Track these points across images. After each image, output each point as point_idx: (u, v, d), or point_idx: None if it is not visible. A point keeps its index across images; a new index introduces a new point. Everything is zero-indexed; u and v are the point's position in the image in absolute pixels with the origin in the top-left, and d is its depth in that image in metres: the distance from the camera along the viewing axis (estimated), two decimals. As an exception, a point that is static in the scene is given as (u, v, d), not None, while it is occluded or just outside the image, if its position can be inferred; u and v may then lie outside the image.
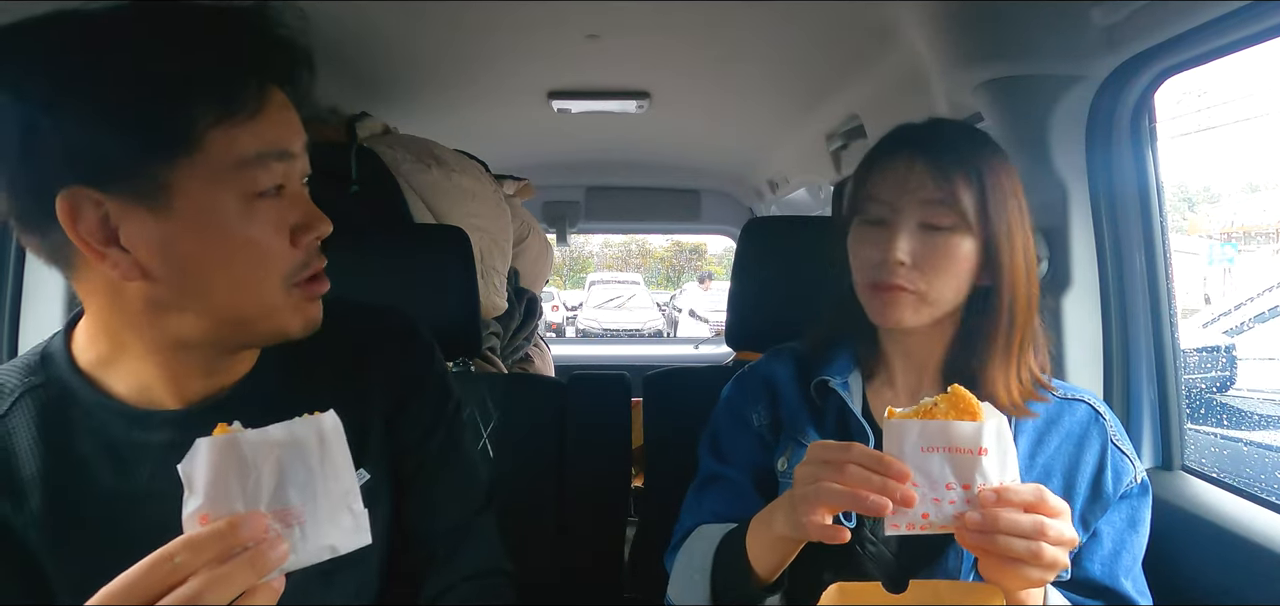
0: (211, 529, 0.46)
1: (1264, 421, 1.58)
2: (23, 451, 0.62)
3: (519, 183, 2.00)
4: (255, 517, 0.47)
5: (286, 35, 0.60)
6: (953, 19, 1.12)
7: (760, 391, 0.89)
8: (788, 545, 0.69)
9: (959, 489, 0.57)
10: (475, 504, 0.78)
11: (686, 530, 0.85)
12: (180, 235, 0.56)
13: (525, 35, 1.42)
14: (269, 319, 0.62)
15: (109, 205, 0.55)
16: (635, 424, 1.37)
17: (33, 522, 0.61)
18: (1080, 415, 0.81)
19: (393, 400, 0.74)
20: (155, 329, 0.61)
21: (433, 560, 0.74)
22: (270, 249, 0.60)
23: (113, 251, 0.56)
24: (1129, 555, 0.77)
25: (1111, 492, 0.77)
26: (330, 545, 0.51)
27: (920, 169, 0.76)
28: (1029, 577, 0.58)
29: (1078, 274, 1.09)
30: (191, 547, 0.46)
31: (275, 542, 0.47)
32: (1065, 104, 1.05)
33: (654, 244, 20.66)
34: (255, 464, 0.48)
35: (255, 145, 0.57)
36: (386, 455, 0.73)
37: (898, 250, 0.75)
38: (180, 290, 0.59)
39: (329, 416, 0.51)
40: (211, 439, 0.48)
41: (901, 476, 0.57)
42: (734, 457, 0.87)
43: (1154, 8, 0.87)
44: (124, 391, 0.64)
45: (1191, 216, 2.68)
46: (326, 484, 0.50)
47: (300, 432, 0.50)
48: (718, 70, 1.63)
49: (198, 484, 0.47)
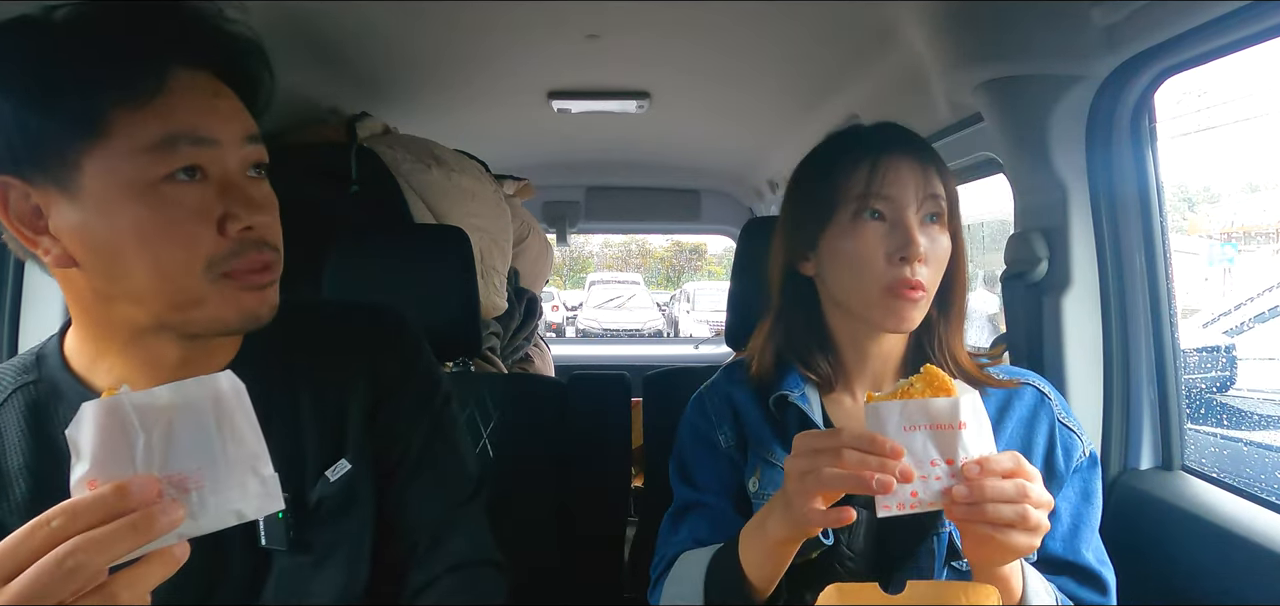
0: (95, 494, 0.45)
1: (1264, 421, 1.58)
2: (11, 447, 0.64)
3: (519, 183, 2.00)
4: (146, 481, 0.46)
5: (209, 20, 0.61)
6: (953, 19, 1.12)
7: (724, 411, 0.87)
8: (785, 548, 0.69)
9: (943, 464, 0.58)
10: (460, 495, 0.78)
11: (667, 560, 0.84)
12: (94, 220, 0.57)
13: (525, 35, 1.42)
14: (198, 308, 0.60)
15: (35, 194, 0.57)
16: (635, 424, 1.37)
17: (16, 511, 0.63)
18: (1027, 398, 0.83)
19: (375, 393, 0.75)
20: (108, 318, 0.62)
21: (416, 551, 0.74)
22: (186, 234, 0.59)
23: (44, 239, 0.58)
24: (1087, 528, 0.80)
25: (1064, 469, 0.80)
26: (236, 510, 0.49)
27: (926, 167, 0.78)
28: (1016, 544, 0.59)
29: (1078, 274, 1.09)
30: (69, 512, 0.44)
31: (169, 507, 0.46)
32: (1065, 104, 1.05)
33: (654, 244, 20.65)
34: (144, 427, 0.46)
35: (161, 128, 0.57)
36: (369, 447, 0.74)
37: (919, 244, 0.75)
38: (107, 277, 0.59)
39: (225, 376, 0.49)
40: (95, 402, 0.46)
41: (895, 454, 0.58)
42: (707, 483, 0.86)
43: (1154, 8, 0.87)
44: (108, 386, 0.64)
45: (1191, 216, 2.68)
46: (226, 447, 0.48)
47: (192, 394, 0.48)
48: (718, 70, 1.63)
49: (84, 448, 0.46)
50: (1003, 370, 0.85)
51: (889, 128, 0.82)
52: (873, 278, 0.76)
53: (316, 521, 0.70)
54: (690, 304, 12.46)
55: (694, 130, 2.22)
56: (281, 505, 0.51)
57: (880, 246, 0.76)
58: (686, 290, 13.48)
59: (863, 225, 0.77)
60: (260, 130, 0.65)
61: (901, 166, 0.77)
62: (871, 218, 0.77)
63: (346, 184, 1.48)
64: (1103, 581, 0.78)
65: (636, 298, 13.01)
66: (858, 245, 0.77)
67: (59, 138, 0.56)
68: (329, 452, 0.71)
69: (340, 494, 0.71)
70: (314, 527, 0.69)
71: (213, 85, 0.61)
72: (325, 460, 0.71)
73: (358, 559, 0.72)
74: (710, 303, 11.58)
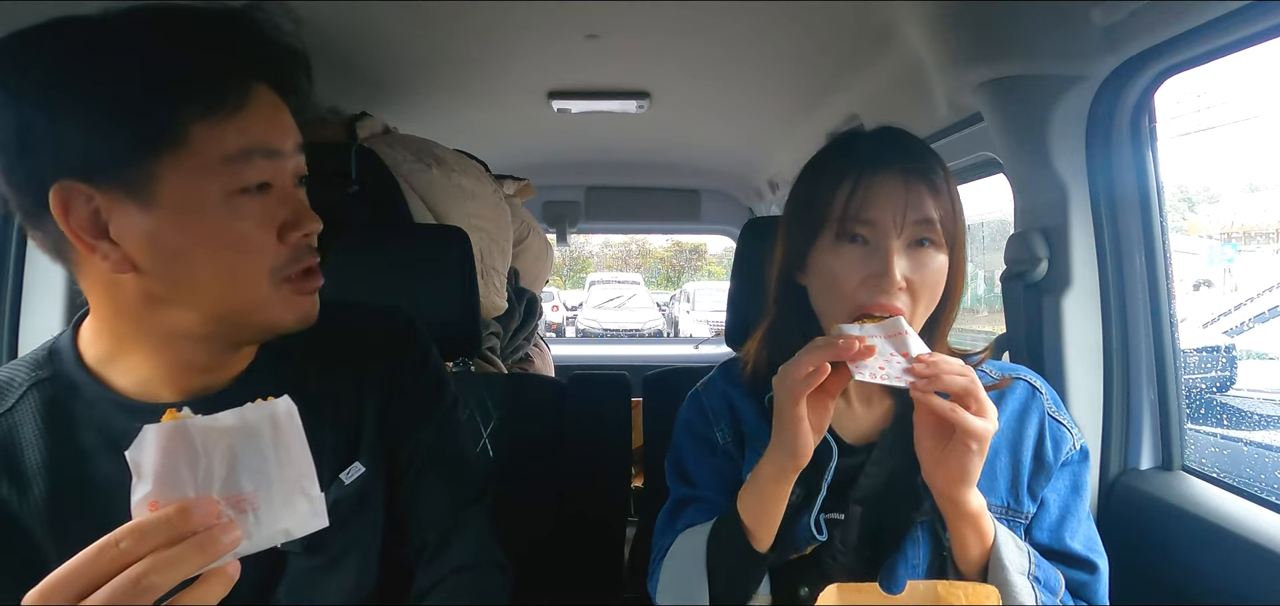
0: (159, 515, 0.46)
1: (1264, 421, 1.57)
2: (27, 443, 0.64)
3: (519, 183, 2.00)
4: (206, 502, 0.47)
5: (273, 35, 0.61)
6: (953, 19, 1.12)
7: (722, 409, 0.88)
8: (782, 482, 0.72)
9: (900, 357, 0.68)
10: (466, 497, 0.79)
11: (664, 549, 0.84)
12: (166, 228, 0.58)
13: (525, 35, 1.42)
14: (259, 313, 0.63)
15: (99, 199, 0.57)
16: (635, 424, 1.37)
17: (35, 511, 0.63)
18: (1019, 393, 0.84)
19: (386, 395, 0.76)
20: (151, 322, 0.62)
21: (422, 552, 0.75)
22: (256, 244, 0.61)
23: (103, 244, 0.58)
24: (1074, 518, 0.81)
25: (1053, 461, 0.81)
26: (285, 529, 0.50)
27: (919, 185, 0.73)
28: (969, 427, 0.65)
29: (1078, 274, 1.09)
30: (137, 533, 0.45)
31: (228, 528, 0.47)
32: (1065, 104, 1.05)
33: (654, 244, 20.66)
34: (206, 450, 0.48)
35: (240, 141, 0.58)
36: (380, 449, 0.74)
37: (896, 271, 0.72)
38: (169, 283, 0.60)
39: (283, 402, 0.51)
40: (159, 425, 0.47)
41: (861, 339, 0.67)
42: (704, 479, 0.87)
43: (1154, 8, 0.87)
44: (125, 385, 0.65)
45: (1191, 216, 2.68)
46: (281, 469, 0.50)
47: (252, 418, 0.49)
48: (718, 70, 1.63)
49: (146, 470, 0.47)
50: (993, 365, 0.86)
51: (883, 136, 0.79)
52: (846, 298, 0.74)
53: (332, 524, 0.70)
54: (690, 304, 12.47)
55: (694, 130, 2.22)
56: (326, 523, 0.52)
57: (858, 271, 0.73)
58: (686, 290, 13.48)
59: (843, 248, 0.75)
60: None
61: (886, 187, 0.73)
62: (852, 241, 0.74)
63: (346, 184, 1.48)
64: (1092, 564, 0.79)
65: (636, 298, 13.01)
66: (836, 266, 0.75)
67: (137, 147, 0.56)
68: (344, 455, 0.72)
69: (355, 496, 0.72)
70: (329, 530, 0.70)
71: (273, 97, 0.62)
72: (341, 463, 0.72)
73: (368, 560, 0.73)
74: (710, 302, 11.59)
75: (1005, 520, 0.79)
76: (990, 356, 0.85)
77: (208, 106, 0.57)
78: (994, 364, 0.87)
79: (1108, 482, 1.08)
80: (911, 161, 0.74)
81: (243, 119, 0.58)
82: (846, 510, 0.79)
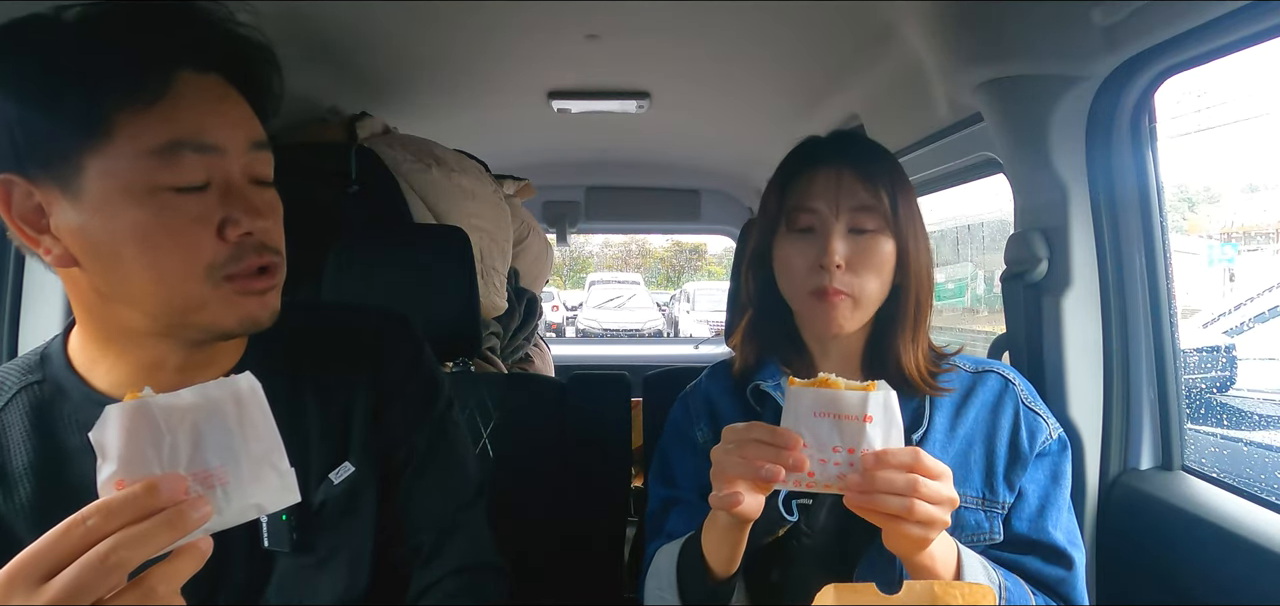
0: (127, 492, 0.46)
1: (1264, 421, 1.57)
2: (15, 445, 0.64)
3: (519, 183, 2.00)
4: (174, 478, 0.47)
5: (211, 24, 0.60)
6: (953, 19, 1.12)
7: (702, 409, 0.92)
8: (733, 533, 0.72)
9: (845, 452, 0.62)
10: (462, 499, 0.78)
11: (649, 556, 0.87)
12: (95, 222, 0.57)
13: (525, 35, 1.42)
14: (198, 312, 0.61)
15: (37, 192, 0.57)
16: (635, 424, 1.37)
17: (21, 511, 0.63)
18: (992, 385, 0.86)
19: (378, 396, 0.75)
20: (107, 319, 0.62)
21: (418, 554, 0.75)
22: (188, 239, 0.59)
23: (46, 238, 0.59)
24: (1054, 509, 0.82)
25: (1028, 451, 0.82)
26: (257, 503, 0.50)
27: (850, 175, 0.81)
28: (911, 535, 0.62)
29: (1078, 274, 1.09)
30: (104, 511, 0.45)
31: (197, 503, 0.47)
32: (1065, 104, 1.05)
33: (654, 244, 20.68)
34: (169, 427, 0.48)
35: (166, 132, 0.57)
36: (372, 450, 0.74)
37: (835, 253, 0.79)
38: (107, 279, 0.60)
39: (244, 377, 0.51)
40: (120, 405, 0.47)
41: (793, 444, 0.62)
42: (684, 480, 0.90)
43: (1154, 8, 0.87)
44: (107, 385, 0.65)
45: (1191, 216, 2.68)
46: (247, 444, 0.50)
47: (215, 395, 0.49)
48: (718, 70, 1.63)
49: (110, 450, 0.47)
50: (965, 359, 0.89)
51: (832, 138, 0.87)
52: (799, 283, 0.83)
53: (319, 524, 0.70)
54: (690, 304, 12.47)
55: (694, 130, 2.22)
56: (298, 497, 0.52)
57: (806, 256, 0.82)
58: (686, 290, 13.49)
59: (795, 237, 0.83)
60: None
61: (825, 179, 0.81)
62: (802, 230, 0.83)
63: (346, 184, 1.48)
64: (1068, 558, 0.80)
65: (636, 298, 13.02)
66: (789, 254, 0.84)
67: (62, 138, 0.56)
68: (333, 455, 0.72)
69: (343, 497, 0.71)
70: (317, 530, 0.70)
71: (220, 89, 0.61)
72: (329, 463, 0.71)
73: (359, 561, 0.72)
74: (710, 302, 11.59)
75: (981, 511, 0.81)
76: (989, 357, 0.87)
77: (126, 94, 0.56)
78: (965, 358, 0.89)
79: (1108, 482, 1.08)
80: (849, 156, 0.83)
81: (167, 108, 0.57)
82: (815, 494, 0.80)
